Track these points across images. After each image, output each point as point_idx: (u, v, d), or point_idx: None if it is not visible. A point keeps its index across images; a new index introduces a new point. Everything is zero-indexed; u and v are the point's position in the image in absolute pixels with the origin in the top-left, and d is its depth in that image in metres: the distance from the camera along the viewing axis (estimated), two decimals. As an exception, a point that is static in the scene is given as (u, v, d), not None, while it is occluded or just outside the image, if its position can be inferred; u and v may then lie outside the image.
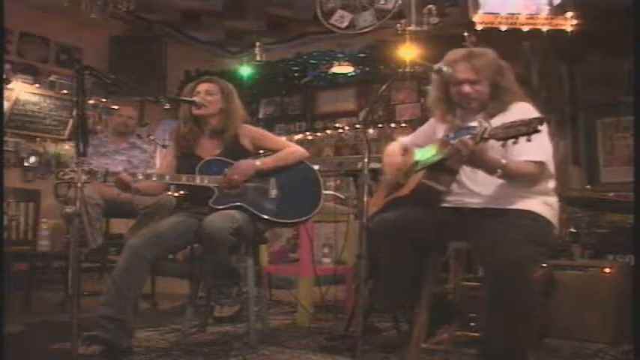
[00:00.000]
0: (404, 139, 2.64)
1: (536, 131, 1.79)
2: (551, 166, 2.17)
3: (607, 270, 3.03)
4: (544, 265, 2.93)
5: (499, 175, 2.08)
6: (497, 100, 2.26)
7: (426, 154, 2.33)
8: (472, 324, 2.59)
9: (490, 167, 2.07)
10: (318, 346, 2.83)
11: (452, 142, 2.22)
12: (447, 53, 2.35)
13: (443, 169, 2.21)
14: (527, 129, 1.80)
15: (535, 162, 2.09)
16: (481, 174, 2.14)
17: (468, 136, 1.98)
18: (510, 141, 1.86)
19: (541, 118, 1.80)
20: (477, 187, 2.21)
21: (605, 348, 2.80)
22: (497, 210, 2.15)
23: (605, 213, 4.04)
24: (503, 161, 2.03)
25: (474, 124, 2.22)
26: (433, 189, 2.24)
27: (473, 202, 2.22)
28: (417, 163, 2.35)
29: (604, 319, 2.91)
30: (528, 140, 1.82)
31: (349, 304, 3.36)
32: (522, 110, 2.18)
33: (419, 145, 2.51)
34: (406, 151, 2.53)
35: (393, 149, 2.52)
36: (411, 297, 2.32)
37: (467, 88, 2.26)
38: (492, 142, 1.97)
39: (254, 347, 2.71)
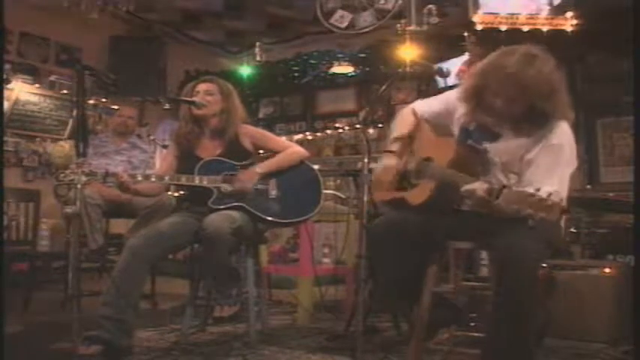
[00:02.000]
0: (417, 107, 2.45)
1: (554, 219, 1.70)
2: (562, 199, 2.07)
3: (607, 270, 3.03)
4: (544, 265, 2.94)
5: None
6: (532, 122, 2.07)
7: (441, 152, 2.23)
8: (472, 324, 2.60)
9: (500, 215, 1.98)
10: (318, 346, 2.83)
11: (469, 142, 2.19)
12: (501, 51, 2.09)
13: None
14: (546, 215, 1.67)
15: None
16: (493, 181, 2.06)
17: (484, 189, 1.87)
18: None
19: (563, 208, 1.70)
20: None
21: (605, 348, 2.80)
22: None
23: (605, 213, 4.04)
24: (516, 210, 1.87)
25: (501, 130, 2.15)
26: (444, 201, 2.19)
27: None
28: (428, 162, 2.27)
29: (604, 319, 2.91)
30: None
31: (349, 304, 3.36)
32: (560, 137, 2.05)
33: (433, 123, 2.39)
34: (419, 124, 2.41)
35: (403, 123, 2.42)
36: (413, 298, 2.32)
37: (499, 104, 2.05)
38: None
39: (254, 347, 2.71)
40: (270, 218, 2.77)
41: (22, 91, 5.70)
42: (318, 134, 6.79)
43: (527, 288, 1.90)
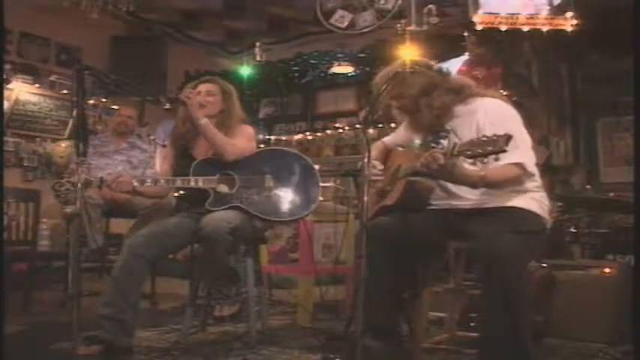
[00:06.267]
0: (386, 139, 2.66)
1: (503, 150, 1.78)
2: (532, 163, 2.17)
3: (607, 270, 3.03)
4: (544, 265, 2.94)
5: (480, 187, 2.10)
6: (450, 102, 2.27)
7: (408, 157, 2.34)
8: (472, 324, 2.60)
9: (468, 181, 2.09)
10: (318, 346, 2.83)
11: (432, 145, 2.24)
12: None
13: (423, 176, 2.22)
14: (493, 148, 1.79)
15: (515, 164, 2.08)
16: None
17: (439, 149, 1.98)
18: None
19: (507, 135, 1.78)
20: (461, 190, 2.22)
21: (605, 348, 2.80)
22: (483, 209, 2.16)
23: (605, 213, 4.04)
24: (482, 173, 2.04)
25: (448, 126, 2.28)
26: (417, 195, 2.26)
27: (459, 204, 2.24)
28: (399, 168, 2.37)
29: (604, 319, 2.91)
30: (496, 159, 1.82)
31: (349, 304, 3.35)
32: (491, 109, 2.22)
33: (401, 145, 2.54)
34: (389, 151, 2.53)
35: (374, 153, 2.54)
36: (401, 302, 2.32)
37: (404, 102, 2.32)
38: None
39: (254, 347, 2.72)
40: (267, 217, 2.77)
41: (22, 91, 5.70)
42: (318, 134, 6.77)
43: (511, 277, 1.90)
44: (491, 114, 2.19)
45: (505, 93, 3.65)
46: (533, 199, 2.17)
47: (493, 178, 2.08)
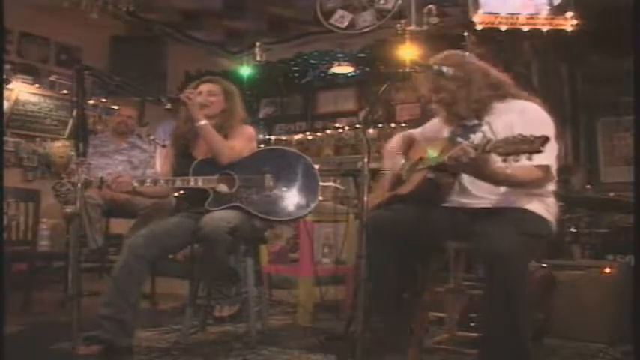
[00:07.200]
0: (413, 131, 2.63)
1: (539, 151, 1.75)
2: (554, 169, 2.17)
3: (607, 270, 3.03)
4: (544, 265, 2.94)
5: (504, 185, 2.09)
6: (486, 102, 2.26)
7: (432, 150, 2.32)
8: (472, 324, 2.60)
9: (494, 179, 2.07)
10: (318, 346, 2.83)
11: (458, 139, 2.22)
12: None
13: (445, 171, 2.20)
14: (529, 148, 1.75)
15: (541, 166, 2.07)
16: None
17: (470, 143, 1.95)
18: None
19: (545, 137, 1.74)
20: (475, 188, 2.22)
21: (605, 348, 2.80)
22: (493, 209, 2.16)
23: (605, 213, 4.04)
24: (508, 171, 2.00)
25: (477, 121, 2.27)
26: (435, 189, 2.24)
27: (470, 203, 2.23)
28: (421, 160, 2.35)
29: (604, 319, 2.91)
30: (529, 159, 1.78)
31: (349, 304, 3.35)
32: (528, 111, 2.20)
33: (427, 139, 2.51)
34: (413, 143, 2.52)
35: (398, 139, 2.53)
36: (401, 299, 2.32)
37: (441, 95, 2.31)
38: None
39: (254, 347, 2.72)
40: (267, 217, 2.77)
41: (22, 91, 5.70)
42: (318, 134, 6.78)
43: (515, 278, 1.90)
44: (528, 116, 2.18)
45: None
46: (543, 203, 2.18)
47: (519, 178, 2.07)
